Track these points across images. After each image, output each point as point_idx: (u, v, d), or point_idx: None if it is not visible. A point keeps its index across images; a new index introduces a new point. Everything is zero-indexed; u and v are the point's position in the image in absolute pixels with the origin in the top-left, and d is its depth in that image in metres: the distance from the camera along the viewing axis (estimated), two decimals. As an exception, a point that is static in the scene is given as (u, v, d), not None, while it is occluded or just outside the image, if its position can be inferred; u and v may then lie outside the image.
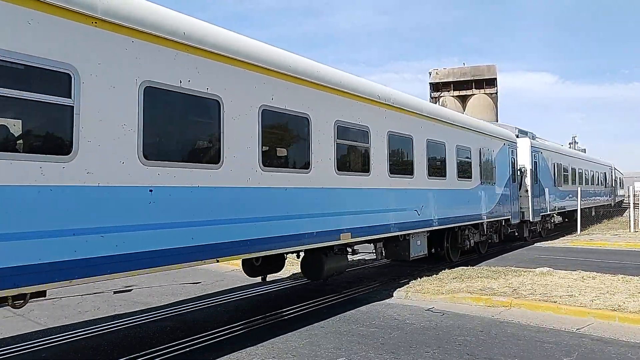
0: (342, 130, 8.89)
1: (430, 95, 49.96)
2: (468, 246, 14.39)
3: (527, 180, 18.92)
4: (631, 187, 25.92)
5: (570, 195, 24.69)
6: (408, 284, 10.50)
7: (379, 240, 10.40)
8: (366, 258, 14.43)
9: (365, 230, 9.32)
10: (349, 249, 9.95)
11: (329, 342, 6.88)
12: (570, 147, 40.66)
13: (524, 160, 18.86)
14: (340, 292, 10.25)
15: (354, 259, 13.23)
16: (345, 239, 8.77)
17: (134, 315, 8.67)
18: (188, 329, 7.68)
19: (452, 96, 49.67)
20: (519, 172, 18.09)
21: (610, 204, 37.82)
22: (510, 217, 16.85)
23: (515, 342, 6.79)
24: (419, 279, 10.97)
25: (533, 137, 20.58)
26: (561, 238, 21.07)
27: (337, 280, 11.62)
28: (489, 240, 16.05)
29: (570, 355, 6.29)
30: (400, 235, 10.65)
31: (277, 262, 9.59)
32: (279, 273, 11.04)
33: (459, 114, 15.34)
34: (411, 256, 11.07)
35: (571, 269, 11.78)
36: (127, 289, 10.82)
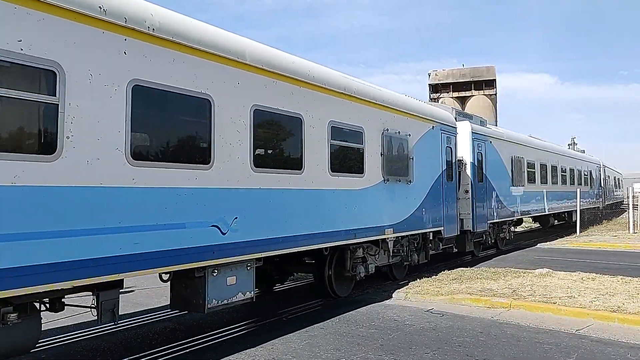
0: None
1: (430, 96, 49.98)
2: (363, 274, 9.81)
3: (469, 178, 14.45)
4: (630, 188, 25.97)
5: (538, 197, 20.48)
6: (407, 285, 10.51)
7: (97, 286, 5.42)
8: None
9: (32, 274, 4.62)
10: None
11: (328, 343, 6.88)
12: (569, 148, 38.64)
13: (463, 151, 14.31)
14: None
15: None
16: None
17: (134, 316, 8.66)
18: (188, 330, 7.68)
19: (452, 97, 49.70)
20: (457, 166, 13.62)
21: (599, 207, 32.62)
22: (442, 228, 12.37)
23: (515, 344, 6.79)
24: (418, 280, 10.97)
25: (481, 123, 16.09)
26: (560, 239, 21.08)
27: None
28: (406, 263, 11.50)
29: (569, 356, 6.29)
30: (170, 271, 6.28)
31: None
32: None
33: (338, 74, 9.34)
34: (208, 304, 6.50)
35: (570, 270, 11.79)
36: (129, 289, 10.81)
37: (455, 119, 14.06)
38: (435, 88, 50.78)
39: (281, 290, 10.91)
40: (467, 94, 49.88)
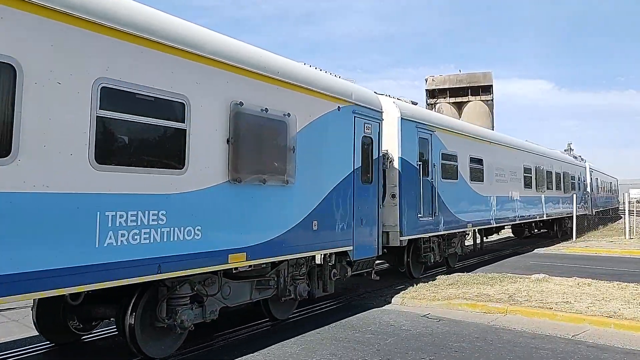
0: None
1: (427, 101, 50.15)
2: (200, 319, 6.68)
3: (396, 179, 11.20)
4: (626, 194, 26.06)
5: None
6: (404, 290, 10.50)
7: None
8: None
9: None
10: None
11: (324, 348, 6.86)
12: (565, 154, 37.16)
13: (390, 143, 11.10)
14: (336, 298, 10.23)
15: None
16: None
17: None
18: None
19: (448, 103, 49.88)
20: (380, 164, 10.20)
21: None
22: (351, 248, 9.15)
23: (511, 349, 6.79)
24: (415, 285, 10.96)
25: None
26: (557, 245, 21.11)
27: (334, 286, 11.59)
28: (289, 298, 8.24)
29: (566, 362, 6.29)
30: None
31: None
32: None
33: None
34: None
35: (567, 276, 11.80)
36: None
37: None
38: (432, 93, 50.96)
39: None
40: (464, 99, 50.08)
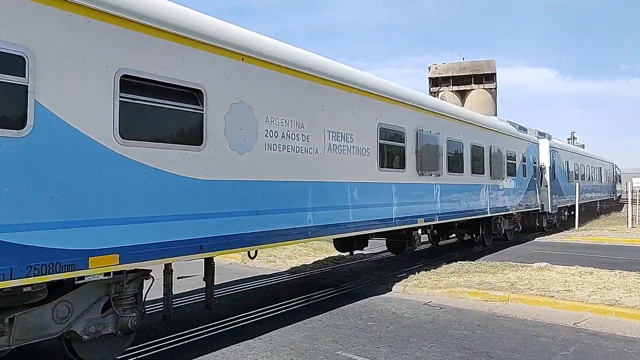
0: None
1: (430, 90, 49.92)
2: None
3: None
4: (629, 183, 25.99)
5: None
6: (406, 278, 10.52)
7: None
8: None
9: None
10: None
11: (326, 335, 6.90)
12: (568, 143, 37.16)
13: None
14: (338, 286, 10.27)
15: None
16: None
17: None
18: (186, 322, 7.69)
19: (451, 91, 49.62)
20: None
21: None
22: None
23: (512, 337, 6.82)
24: (417, 273, 10.97)
25: None
26: (559, 233, 21.12)
27: (335, 275, 11.65)
28: None
29: (567, 349, 6.32)
30: None
31: None
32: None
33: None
34: None
35: (569, 264, 11.81)
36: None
37: None
38: (435, 82, 50.70)
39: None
40: (467, 87, 49.82)
